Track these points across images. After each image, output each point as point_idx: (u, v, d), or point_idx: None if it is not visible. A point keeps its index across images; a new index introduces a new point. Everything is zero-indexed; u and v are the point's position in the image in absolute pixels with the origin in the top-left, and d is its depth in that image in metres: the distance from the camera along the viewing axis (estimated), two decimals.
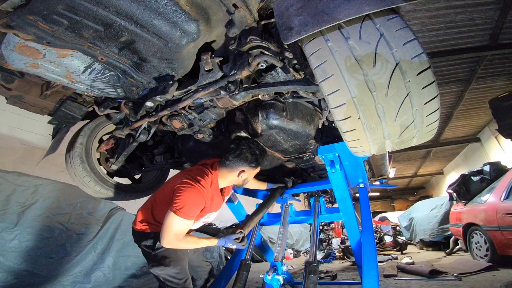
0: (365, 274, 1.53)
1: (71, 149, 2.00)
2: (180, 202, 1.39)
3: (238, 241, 1.59)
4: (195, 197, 1.44)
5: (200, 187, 1.47)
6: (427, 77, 0.86)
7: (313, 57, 0.92)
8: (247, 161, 1.60)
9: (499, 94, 5.47)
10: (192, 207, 1.42)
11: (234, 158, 1.59)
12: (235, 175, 1.63)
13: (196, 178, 1.50)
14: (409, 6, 4.03)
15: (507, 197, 3.64)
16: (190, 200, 1.42)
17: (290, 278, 2.78)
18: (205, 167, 1.63)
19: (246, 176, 1.67)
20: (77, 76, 1.36)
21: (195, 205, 1.44)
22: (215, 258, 4.40)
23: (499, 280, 2.94)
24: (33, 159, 4.08)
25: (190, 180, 1.47)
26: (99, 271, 2.72)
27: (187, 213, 1.39)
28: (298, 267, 4.86)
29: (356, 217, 1.92)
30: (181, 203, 1.38)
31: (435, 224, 6.21)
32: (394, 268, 4.22)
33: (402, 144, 1.05)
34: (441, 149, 10.77)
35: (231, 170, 1.62)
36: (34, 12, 1.00)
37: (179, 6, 1.05)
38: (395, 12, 0.90)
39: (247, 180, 1.70)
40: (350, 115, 0.93)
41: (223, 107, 1.63)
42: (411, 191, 19.88)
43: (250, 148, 1.62)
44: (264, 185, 2.25)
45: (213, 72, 1.36)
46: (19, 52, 1.18)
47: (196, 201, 1.45)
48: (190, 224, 1.46)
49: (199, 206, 1.47)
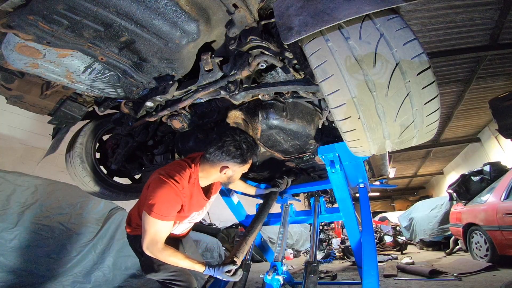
0: (365, 274, 1.53)
1: (71, 149, 2.00)
2: (152, 201, 1.24)
3: (230, 274, 1.31)
4: (167, 194, 1.27)
5: (172, 183, 1.28)
6: (427, 77, 0.86)
7: (313, 57, 0.92)
8: (229, 155, 1.38)
9: (499, 94, 5.46)
10: (166, 206, 1.26)
11: (214, 151, 1.39)
12: (217, 171, 1.42)
13: (169, 173, 1.32)
14: (409, 6, 4.03)
15: (507, 197, 3.65)
16: (163, 198, 1.25)
17: (290, 278, 2.78)
18: (185, 161, 1.46)
19: (231, 174, 1.45)
20: (77, 76, 1.37)
21: (169, 203, 1.27)
22: (215, 258, 4.40)
23: (499, 280, 2.95)
24: (33, 159, 4.08)
25: (163, 176, 1.30)
26: (99, 271, 2.72)
27: (161, 213, 1.23)
28: (298, 267, 4.86)
29: (356, 217, 1.92)
30: (153, 202, 1.24)
31: (435, 224, 6.21)
32: (394, 268, 4.22)
33: (402, 144, 1.05)
34: (441, 149, 10.78)
35: (213, 165, 1.42)
36: (34, 12, 0.99)
37: (179, 6, 1.05)
38: (395, 12, 0.90)
39: (233, 178, 1.48)
40: (350, 115, 0.93)
41: (223, 107, 1.63)
42: (411, 191, 19.88)
43: (235, 140, 1.40)
44: (252, 189, 2.03)
45: (213, 72, 1.35)
46: (19, 52, 1.18)
47: (170, 199, 1.27)
48: (168, 226, 1.30)
49: (173, 204, 1.29)
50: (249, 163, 1.49)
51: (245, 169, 1.50)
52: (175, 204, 1.30)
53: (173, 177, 1.30)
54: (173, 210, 1.30)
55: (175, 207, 1.30)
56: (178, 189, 1.30)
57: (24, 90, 1.66)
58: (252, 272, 1.89)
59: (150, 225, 1.24)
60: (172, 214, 1.29)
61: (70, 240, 2.63)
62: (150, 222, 1.23)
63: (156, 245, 1.25)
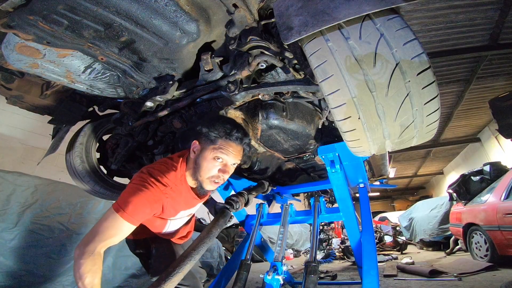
0: (365, 274, 1.53)
1: (71, 149, 2.00)
2: (122, 196, 1.09)
3: None
4: (141, 194, 1.09)
5: (151, 183, 1.13)
6: (427, 77, 0.86)
7: (313, 57, 0.92)
8: (202, 131, 1.20)
9: (499, 94, 5.47)
10: (134, 206, 1.07)
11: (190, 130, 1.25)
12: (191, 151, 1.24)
13: (151, 171, 1.18)
14: (409, 6, 4.03)
15: (507, 197, 3.65)
16: (134, 197, 1.08)
17: (290, 278, 2.78)
18: (173, 157, 1.31)
19: (198, 149, 1.23)
20: (77, 76, 1.37)
21: (139, 204, 1.08)
22: (215, 258, 4.40)
23: (499, 280, 2.94)
24: (33, 159, 4.08)
25: (143, 174, 1.16)
26: None
27: (128, 213, 1.05)
28: (298, 267, 4.86)
29: (356, 217, 1.92)
30: (123, 197, 1.08)
31: (435, 224, 6.21)
32: (394, 268, 4.22)
33: (402, 144, 1.05)
34: (441, 149, 10.78)
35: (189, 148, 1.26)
36: (34, 12, 1.00)
37: (179, 6, 1.05)
38: (395, 12, 0.90)
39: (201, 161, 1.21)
40: (350, 115, 0.92)
41: (223, 107, 1.63)
42: (411, 191, 19.89)
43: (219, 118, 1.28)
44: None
45: (213, 72, 1.36)
46: (19, 52, 1.18)
47: (141, 200, 1.09)
48: (124, 229, 1.07)
49: (144, 205, 1.10)
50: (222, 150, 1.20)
51: (216, 155, 1.20)
52: (146, 205, 1.11)
53: (154, 175, 1.16)
54: (141, 212, 1.10)
55: (145, 209, 1.11)
56: (157, 189, 1.14)
57: (24, 90, 1.66)
58: (252, 272, 1.89)
59: (106, 218, 1.05)
60: (139, 216, 1.10)
61: (70, 240, 2.63)
62: (109, 215, 1.05)
63: (93, 244, 0.99)
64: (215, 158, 1.21)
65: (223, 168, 1.23)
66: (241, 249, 2.24)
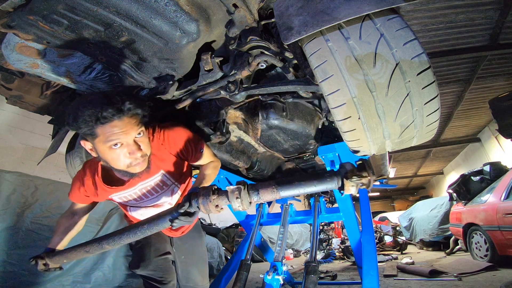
0: (365, 274, 1.53)
1: (71, 149, 2.00)
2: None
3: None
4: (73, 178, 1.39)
5: (80, 170, 1.37)
6: (427, 77, 0.86)
7: (313, 57, 0.92)
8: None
9: (499, 94, 5.46)
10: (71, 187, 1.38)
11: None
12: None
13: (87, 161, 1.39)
14: (409, 6, 4.03)
15: (507, 197, 3.65)
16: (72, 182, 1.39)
17: (290, 278, 2.78)
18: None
19: (92, 149, 1.07)
20: (77, 76, 1.37)
21: (72, 185, 1.38)
22: (215, 258, 4.40)
23: (499, 280, 2.95)
24: (33, 159, 4.08)
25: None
26: (99, 271, 2.72)
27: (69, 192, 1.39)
28: (298, 267, 4.86)
29: (356, 217, 1.93)
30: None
31: (435, 224, 6.21)
32: (394, 268, 4.22)
33: (402, 144, 1.05)
34: (441, 149, 10.78)
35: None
36: (34, 12, 0.99)
37: (179, 6, 1.05)
38: (395, 12, 0.90)
39: (102, 152, 1.04)
40: (350, 115, 0.92)
41: (223, 107, 1.63)
42: (411, 191, 19.89)
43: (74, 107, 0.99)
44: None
45: (213, 72, 1.35)
46: (19, 52, 1.18)
47: (73, 182, 1.38)
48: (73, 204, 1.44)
49: (74, 187, 1.36)
50: (110, 138, 1.00)
51: (109, 145, 1.01)
52: (76, 188, 1.36)
53: (84, 164, 1.37)
54: (74, 192, 1.37)
55: (75, 190, 1.36)
56: (80, 176, 1.33)
57: (24, 90, 1.66)
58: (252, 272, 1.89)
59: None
60: (74, 195, 1.38)
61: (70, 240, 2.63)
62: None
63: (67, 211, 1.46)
64: (111, 148, 1.02)
65: (129, 150, 1.05)
66: (241, 249, 2.25)
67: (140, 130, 1.08)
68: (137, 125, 1.06)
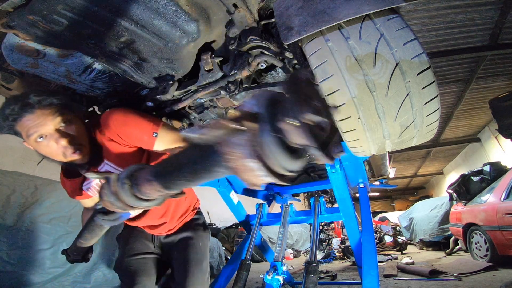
0: (365, 274, 1.53)
1: None
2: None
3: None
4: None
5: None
6: (427, 77, 0.86)
7: (313, 57, 0.92)
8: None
9: (499, 94, 5.47)
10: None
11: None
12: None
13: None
14: (409, 6, 4.03)
15: (507, 197, 3.65)
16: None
17: (290, 278, 2.78)
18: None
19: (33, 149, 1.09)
20: (77, 76, 1.37)
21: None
22: (215, 258, 4.40)
23: (499, 280, 2.95)
24: (33, 159, 4.08)
25: None
26: (99, 271, 2.72)
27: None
28: (298, 267, 4.86)
29: (356, 217, 1.92)
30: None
31: (435, 224, 6.22)
32: (394, 268, 4.22)
33: (402, 144, 1.05)
34: (441, 149, 10.78)
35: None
36: (34, 12, 0.99)
37: (179, 6, 1.05)
38: (395, 12, 0.90)
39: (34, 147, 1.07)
40: (350, 115, 0.93)
41: (223, 107, 1.63)
42: (411, 191, 19.90)
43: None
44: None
45: (213, 72, 1.35)
46: (19, 52, 1.18)
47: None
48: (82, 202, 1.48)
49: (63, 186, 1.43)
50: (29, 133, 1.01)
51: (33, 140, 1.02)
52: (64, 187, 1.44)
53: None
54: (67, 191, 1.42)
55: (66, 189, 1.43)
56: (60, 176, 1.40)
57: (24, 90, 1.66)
58: (252, 272, 1.89)
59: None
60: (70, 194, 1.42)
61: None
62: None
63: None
64: (37, 141, 1.02)
65: (55, 140, 1.04)
66: (241, 249, 2.25)
67: (62, 119, 1.06)
68: (54, 114, 1.04)
